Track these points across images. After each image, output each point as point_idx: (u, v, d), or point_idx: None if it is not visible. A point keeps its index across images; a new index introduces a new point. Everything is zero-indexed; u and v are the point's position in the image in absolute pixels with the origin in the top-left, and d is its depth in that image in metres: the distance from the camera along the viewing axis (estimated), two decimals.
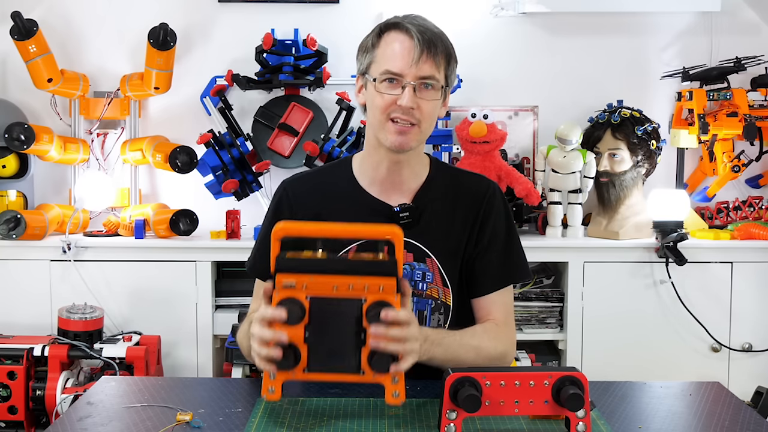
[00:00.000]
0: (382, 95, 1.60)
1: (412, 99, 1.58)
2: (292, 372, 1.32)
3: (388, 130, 1.61)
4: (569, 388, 1.26)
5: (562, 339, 3.03)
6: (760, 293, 3.00)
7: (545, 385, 1.28)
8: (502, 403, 1.28)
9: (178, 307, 2.98)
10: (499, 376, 1.28)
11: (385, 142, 1.62)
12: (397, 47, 1.59)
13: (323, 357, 1.32)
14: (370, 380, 1.32)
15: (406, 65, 1.57)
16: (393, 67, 1.58)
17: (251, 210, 3.18)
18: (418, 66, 1.57)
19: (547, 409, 1.28)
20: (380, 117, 1.61)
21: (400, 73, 1.58)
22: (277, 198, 1.75)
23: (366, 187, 1.71)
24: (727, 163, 3.12)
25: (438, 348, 1.51)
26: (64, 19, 3.29)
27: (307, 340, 1.32)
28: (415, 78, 1.58)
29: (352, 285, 1.32)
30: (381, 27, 1.63)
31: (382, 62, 1.60)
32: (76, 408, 1.47)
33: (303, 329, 1.31)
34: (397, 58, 1.58)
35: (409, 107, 1.58)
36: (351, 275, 1.32)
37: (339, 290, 1.32)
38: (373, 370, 1.31)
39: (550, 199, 3.11)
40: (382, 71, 1.59)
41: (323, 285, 1.32)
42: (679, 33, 3.34)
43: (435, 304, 1.69)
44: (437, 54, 1.59)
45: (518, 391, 1.28)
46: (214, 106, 3.19)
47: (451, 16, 3.28)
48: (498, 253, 1.71)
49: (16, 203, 3.18)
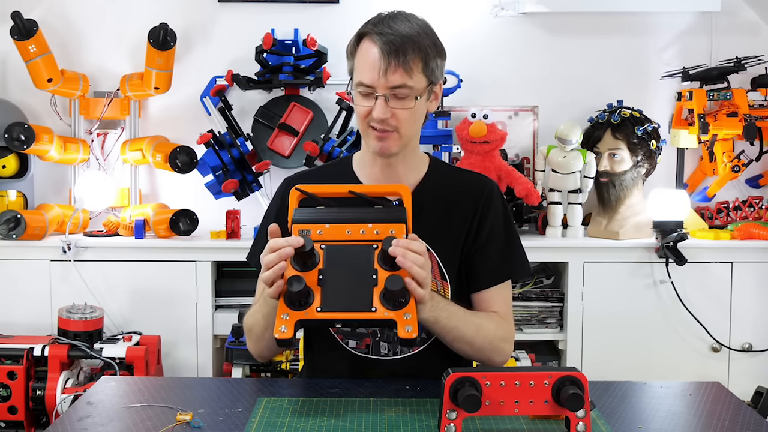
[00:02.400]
0: (358, 106, 1.63)
1: (384, 110, 1.60)
2: (305, 312, 1.36)
3: (369, 136, 1.65)
4: (569, 388, 1.26)
5: (562, 339, 3.03)
6: (760, 293, 3.00)
7: (545, 385, 1.28)
8: (502, 403, 1.28)
9: (178, 307, 2.98)
10: (499, 376, 1.28)
11: (370, 148, 1.67)
12: (369, 59, 1.59)
13: (336, 298, 1.37)
14: (381, 317, 1.36)
15: (375, 77, 1.58)
16: (364, 79, 1.60)
17: (251, 210, 3.18)
18: (387, 77, 1.58)
19: (547, 409, 1.28)
20: (362, 125, 1.65)
21: (371, 85, 1.59)
22: (281, 193, 1.76)
23: (365, 183, 1.74)
24: (727, 163, 3.12)
25: (443, 312, 1.55)
26: (64, 19, 3.29)
27: (320, 282, 1.38)
28: (385, 89, 1.59)
29: (364, 231, 1.42)
30: (358, 33, 1.64)
31: (357, 73, 1.63)
32: (76, 408, 1.47)
33: (317, 273, 1.38)
34: (367, 70, 1.59)
35: (381, 118, 1.60)
36: (363, 223, 1.41)
37: (351, 235, 1.42)
38: (389, 288, 1.35)
39: (550, 199, 3.11)
40: (356, 83, 1.63)
41: (336, 232, 1.41)
42: (679, 33, 3.34)
43: None
44: (406, 61, 1.58)
45: (518, 391, 1.28)
46: (214, 106, 3.20)
47: (451, 16, 3.28)
48: (497, 248, 1.72)
49: (16, 203, 3.18)
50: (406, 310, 1.36)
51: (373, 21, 1.64)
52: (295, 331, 1.36)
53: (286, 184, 1.77)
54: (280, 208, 1.73)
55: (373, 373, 1.67)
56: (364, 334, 1.70)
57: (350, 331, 1.70)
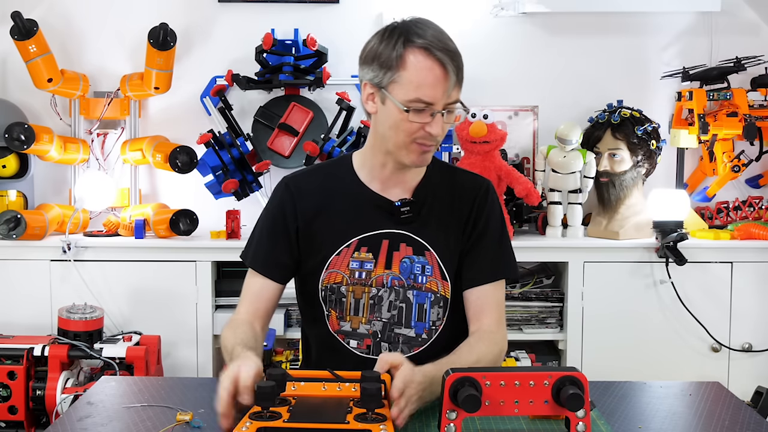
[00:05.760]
0: (409, 122, 1.58)
1: (443, 127, 1.59)
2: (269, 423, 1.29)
3: (411, 150, 1.62)
4: (569, 388, 1.26)
5: (562, 339, 3.03)
6: (760, 293, 3.00)
7: (545, 385, 1.28)
8: (502, 403, 1.27)
9: (178, 307, 2.98)
10: (498, 377, 1.27)
11: (405, 160, 1.64)
12: (430, 76, 1.55)
13: (305, 415, 1.31)
14: (356, 427, 1.28)
15: (439, 96, 1.56)
16: (425, 97, 1.55)
17: (251, 210, 3.17)
18: (449, 95, 1.58)
19: (547, 409, 1.28)
20: (405, 140, 1.60)
21: (432, 102, 1.57)
22: (280, 193, 1.76)
23: (367, 182, 1.73)
24: (727, 163, 3.12)
25: (435, 385, 1.46)
26: (64, 19, 3.29)
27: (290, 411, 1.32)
28: (445, 106, 1.59)
29: (340, 387, 1.40)
30: (403, 41, 1.56)
31: (410, 88, 1.55)
32: (76, 408, 1.47)
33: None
34: (430, 88, 1.55)
35: (439, 134, 1.59)
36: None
37: (327, 391, 1.39)
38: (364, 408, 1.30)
39: (550, 199, 3.11)
40: (411, 98, 1.55)
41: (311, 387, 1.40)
42: (679, 33, 3.34)
43: (434, 297, 1.70)
44: (462, 78, 1.60)
45: (518, 391, 1.28)
46: (214, 106, 3.20)
47: (451, 16, 3.28)
48: (491, 247, 1.72)
49: (16, 203, 3.18)
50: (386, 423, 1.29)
51: (415, 31, 1.57)
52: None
53: (284, 183, 1.76)
54: (279, 206, 1.72)
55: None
56: (365, 334, 1.70)
57: (351, 331, 1.70)
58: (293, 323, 3.07)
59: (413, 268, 1.69)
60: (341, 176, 1.75)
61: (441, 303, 1.71)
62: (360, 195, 1.72)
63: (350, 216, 1.70)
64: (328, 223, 1.71)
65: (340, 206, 1.71)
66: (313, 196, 1.73)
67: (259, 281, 1.73)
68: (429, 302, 1.70)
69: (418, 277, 1.69)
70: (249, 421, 1.28)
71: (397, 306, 1.69)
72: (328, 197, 1.73)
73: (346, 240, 1.69)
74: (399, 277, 1.69)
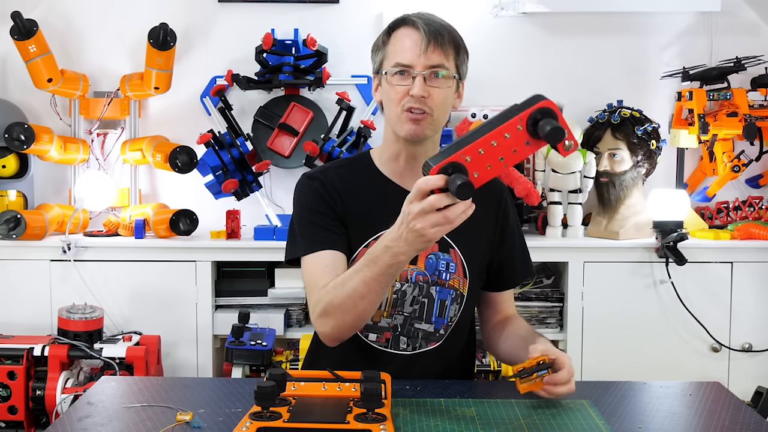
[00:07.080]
0: (394, 87, 1.65)
1: (423, 88, 1.62)
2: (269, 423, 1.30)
3: (403, 120, 1.65)
4: (545, 123, 1.28)
5: (562, 339, 3.03)
6: (760, 293, 3.00)
7: (519, 130, 1.30)
8: (489, 167, 1.29)
9: (178, 307, 2.98)
10: (474, 147, 1.29)
11: (401, 132, 1.66)
12: (406, 41, 1.65)
13: (305, 414, 1.32)
14: (356, 427, 1.28)
15: (414, 56, 1.63)
16: (403, 59, 1.64)
17: (251, 210, 3.18)
18: (426, 55, 1.63)
19: (531, 149, 1.30)
20: (396, 109, 1.65)
21: (410, 64, 1.63)
22: (308, 184, 1.73)
23: (389, 176, 1.75)
24: (727, 163, 3.12)
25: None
26: (64, 19, 3.29)
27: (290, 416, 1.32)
28: (424, 67, 1.63)
29: (340, 387, 1.43)
30: (390, 25, 1.70)
31: (392, 57, 1.66)
32: (76, 408, 1.47)
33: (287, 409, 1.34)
34: (406, 51, 1.64)
35: (421, 95, 1.62)
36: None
37: (327, 392, 1.42)
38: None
39: (550, 199, 3.11)
40: (393, 64, 1.65)
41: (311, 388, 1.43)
42: (679, 33, 3.34)
43: (455, 294, 1.72)
44: (444, 43, 1.65)
45: (498, 150, 1.30)
46: (214, 106, 3.20)
47: (451, 16, 3.22)
48: (519, 249, 1.83)
49: (16, 203, 3.18)
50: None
51: (405, 16, 1.69)
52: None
53: (307, 177, 1.75)
54: (320, 197, 1.70)
55: (388, 367, 1.66)
56: (386, 328, 1.71)
57: (372, 324, 1.70)
58: (293, 323, 3.07)
59: (438, 264, 1.71)
60: (363, 171, 1.76)
61: (459, 300, 1.74)
62: (384, 188, 1.73)
63: (376, 208, 1.70)
64: (355, 215, 1.71)
65: (366, 198, 1.72)
66: (337, 189, 1.72)
67: (325, 256, 1.66)
68: (450, 299, 1.72)
69: (443, 273, 1.71)
70: (249, 421, 1.28)
71: (420, 301, 1.71)
72: (352, 191, 1.73)
73: (373, 232, 1.68)
74: (424, 272, 1.70)
